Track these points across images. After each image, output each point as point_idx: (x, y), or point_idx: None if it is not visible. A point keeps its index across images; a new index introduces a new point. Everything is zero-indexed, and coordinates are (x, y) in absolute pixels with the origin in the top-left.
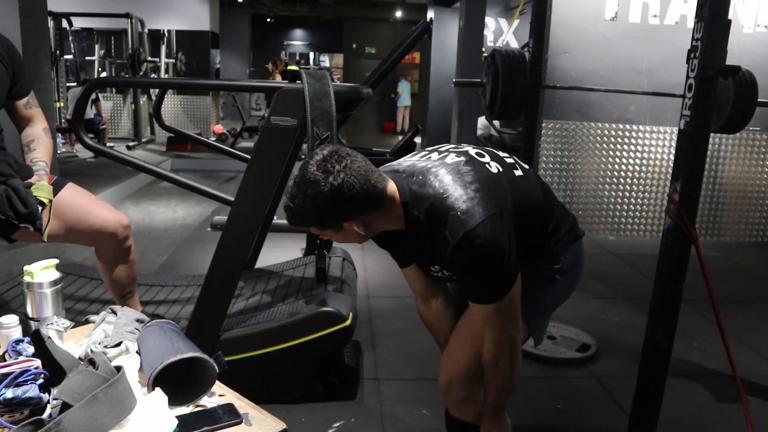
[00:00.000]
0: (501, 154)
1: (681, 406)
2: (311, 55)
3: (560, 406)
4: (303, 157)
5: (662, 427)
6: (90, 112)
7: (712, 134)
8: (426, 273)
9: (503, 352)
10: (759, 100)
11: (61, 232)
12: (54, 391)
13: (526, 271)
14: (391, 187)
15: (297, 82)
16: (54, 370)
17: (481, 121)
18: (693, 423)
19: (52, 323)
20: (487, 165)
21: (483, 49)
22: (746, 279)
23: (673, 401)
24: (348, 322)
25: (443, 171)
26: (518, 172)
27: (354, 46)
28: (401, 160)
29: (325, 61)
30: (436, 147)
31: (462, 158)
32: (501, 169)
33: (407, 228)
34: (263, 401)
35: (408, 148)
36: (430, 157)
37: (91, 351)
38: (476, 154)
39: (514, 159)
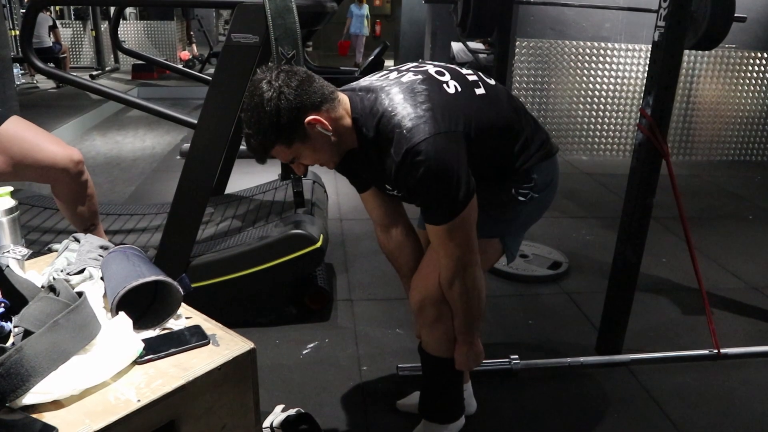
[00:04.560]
0: (464, 71)
1: (648, 319)
2: None
3: (531, 322)
4: None
5: (629, 340)
6: (48, 40)
7: (687, 52)
8: (383, 192)
9: (455, 277)
10: (735, 15)
11: (7, 168)
12: (14, 319)
13: (499, 191)
14: (342, 97)
15: None
16: (15, 299)
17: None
18: (658, 334)
19: (9, 251)
20: (444, 85)
21: None
22: (717, 197)
23: (640, 315)
24: (319, 244)
25: (396, 90)
26: (480, 91)
27: None
28: (361, 79)
29: None
30: (398, 66)
31: (419, 77)
32: (460, 89)
33: (359, 146)
34: (236, 325)
35: (376, 66)
36: (388, 77)
37: (53, 278)
38: (436, 72)
39: (478, 76)
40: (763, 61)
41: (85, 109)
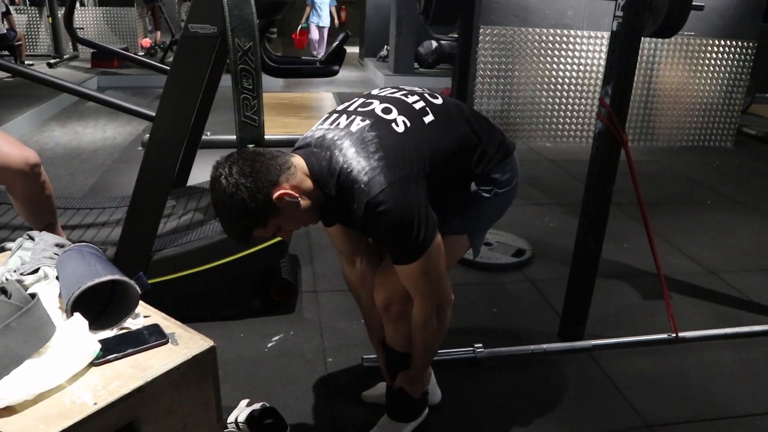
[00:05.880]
0: (410, 100)
1: (609, 304)
2: None
3: (496, 310)
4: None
5: (591, 326)
6: (2, 27)
7: (647, 39)
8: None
9: (431, 316)
10: (694, 3)
11: None
12: None
13: (463, 190)
14: (297, 161)
15: None
16: None
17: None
18: (619, 320)
19: None
20: (392, 124)
21: None
22: (676, 183)
23: (602, 300)
24: None
25: (347, 143)
26: (428, 118)
27: None
28: (313, 129)
29: None
30: (346, 105)
31: (367, 122)
32: (409, 124)
33: (324, 202)
34: (200, 319)
35: (338, 55)
36: (339, 124)
37: (6, 279)
38: (383, 111)
39: (425, 100)
40: (721, 49)
41: (44, 98)
